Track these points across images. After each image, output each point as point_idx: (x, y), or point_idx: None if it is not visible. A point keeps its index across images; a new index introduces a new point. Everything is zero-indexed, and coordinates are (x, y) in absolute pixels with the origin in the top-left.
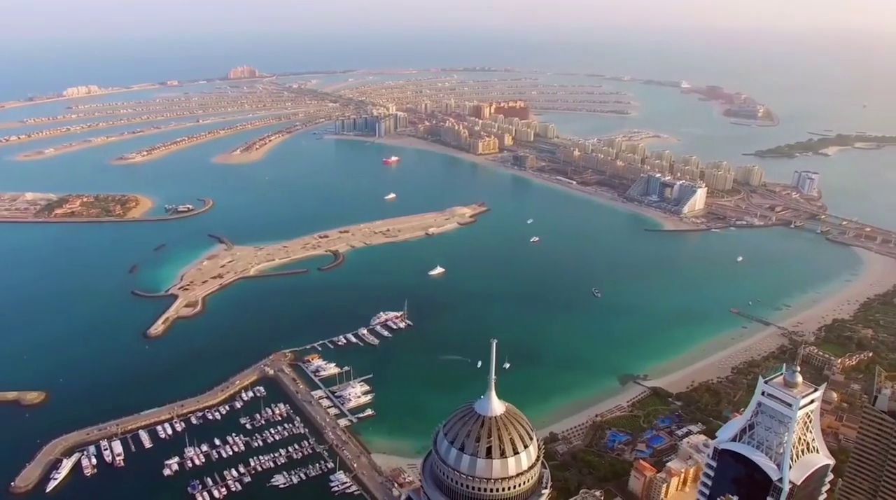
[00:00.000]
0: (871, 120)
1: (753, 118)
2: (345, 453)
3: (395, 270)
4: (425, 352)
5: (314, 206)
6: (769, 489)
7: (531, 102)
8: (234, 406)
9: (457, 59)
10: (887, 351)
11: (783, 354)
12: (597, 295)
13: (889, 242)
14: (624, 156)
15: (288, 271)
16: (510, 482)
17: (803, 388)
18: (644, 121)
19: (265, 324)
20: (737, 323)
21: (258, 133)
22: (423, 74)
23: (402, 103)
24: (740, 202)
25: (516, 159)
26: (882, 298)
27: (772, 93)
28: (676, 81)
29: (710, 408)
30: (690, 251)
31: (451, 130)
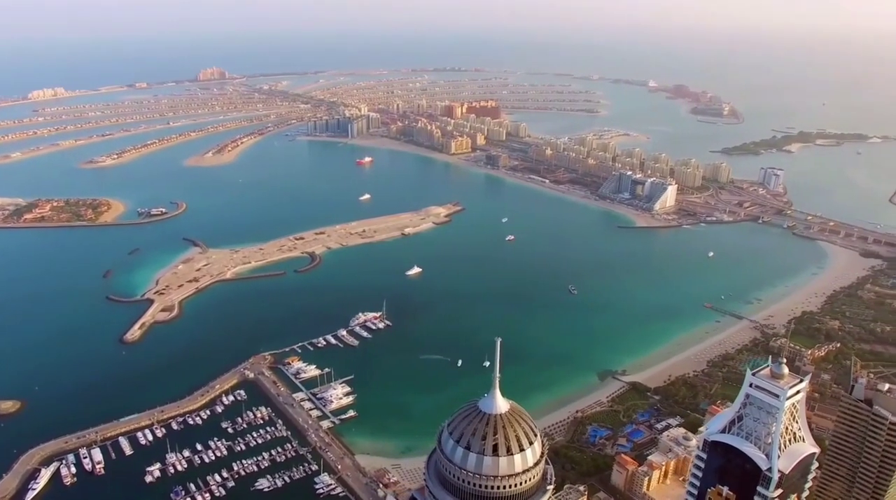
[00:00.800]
0: (830, 118)
1: (719, 116)
2: (328, 455)
3: (372, 270)
4: (405, 352)
5: (289, 207)
6: (759, 479)
7: (502, 102)
8: (215, 411)
9: (427, 59)
10: (854, 341)
11: (756, 346)
12: (573, 292)
13: (851, 236)
14: (595, 154)
15: (264, 273)
16: (517, 479)
17: (789, 379)
18: (613, 119)
19: (243, 327)
20: (710, 317)
21: (230, 135)
22: (394, 75)
23: (374, 104)
24: (709, 199)
25: (489, 159)
26: (847, 290)
27: (736, 91)
28: (644, 80)
29: (688, 401)
30: (663, 247)
31: (423, 130)
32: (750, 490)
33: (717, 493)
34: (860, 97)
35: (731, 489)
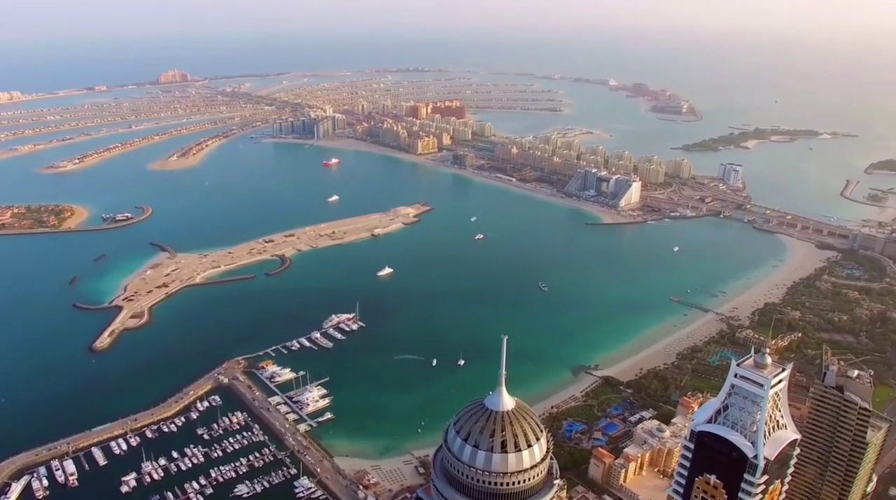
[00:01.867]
0: (782, 115)
1: (678, 114)
2: (307, 458)
3: (343, 272)
4: (380, 353)
5: (257, 210)
6: (745, 466)
7: (466, 102)
8: (190, 417)
9: (390, 59)
10: (814, 331)
11: (723, 338)
12: (543, 289)
13: (808, 228)
14: (560, 152)
15: (235, 277)
16: (525, 475)
17: (772, 368)
18: (576, 118)
19: (216, 332)
20: (677, 311)
21: (194, 138)
22: (358, 76)
23: (339, 105)
24: (672, 195)
25: (456, 158)
26: (805, 281)
27: (693, 90)
28: (604, 79)
29: (659, 394)
30: (629, 243)
31: (389, 130)
32: (737, 478)
33: (704, 482)
34: (809, 95)
35: (718, 478)
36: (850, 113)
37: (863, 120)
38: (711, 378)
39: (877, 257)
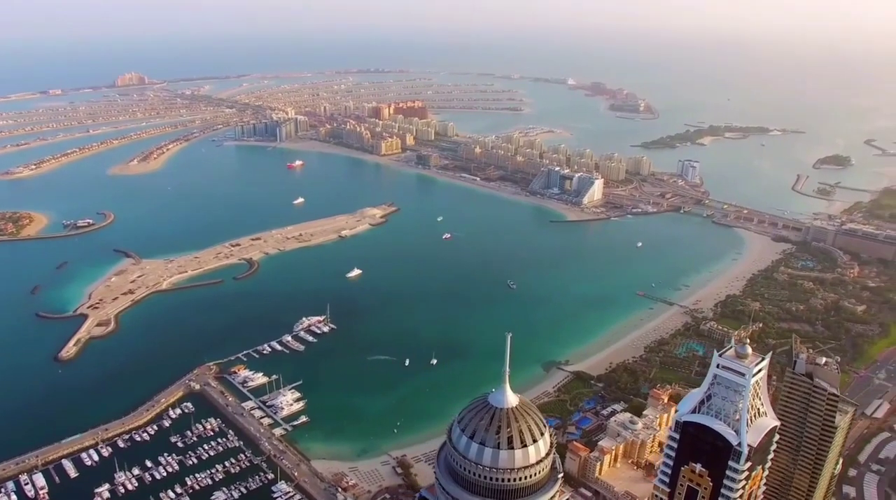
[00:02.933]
0: (734, 112)
1: (636, 112)
2: (284, 462)
3: (312, 274)
4: (352, 354)
5: (222, 214)
6: (730, 454)
7: (428, 102)
8: (163, 425)
9: (351, 60)
10: (774, 321)
11: (688, 330)
12: (512, 287)
13: (763, 222)
14: (523, 151)
15: (202, 282)
16: (532, 470)
17: (753, 358)
18: (537, 117)
19: (185, 338)
20: (643, 305)
21: (154, 142)
22: (319, 77)
23: (301, 107)
24: (634, 191)
25: (420, 158)
26: (764, 273)
27: (650, 89)
28: (563, 79)
29: (630, 387)
30: (594, 240)
31: (353, 131)
32: (722, 465)
33: (690, 470)
34: (759, 94)
35: (703, 466)
36: (798, 111)
37: (809, 117)
38: (679, 370)
39: (828, 248)
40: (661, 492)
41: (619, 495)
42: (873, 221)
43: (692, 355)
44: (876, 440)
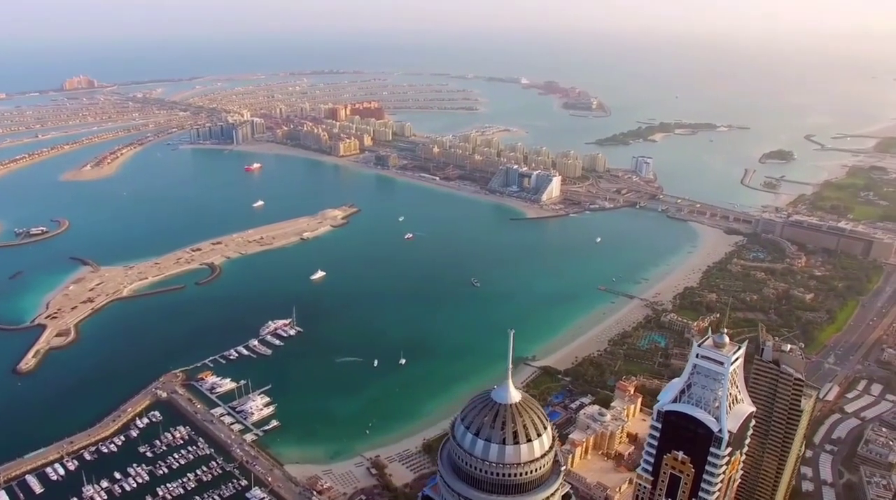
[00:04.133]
0: (683, 109)
1: (589, 110)
2: (257, 468)
3: (275, 277)
4: (320, 357)
5: (181, 219)
6: (711, 441)
7: (384, 103)
8: (130, 435)
9: (304, 62)
10: (730, 311)
11: (650, 323)
12: (476, 285)
13: (716, 215)
14: (480, 150)
15: (164, 288)
16: (537, 464)
17: (730, 347)
18: (492, 116)
19: (149, 345)
20: (605, 299)
21: (107, 146)
22: (273, 78)
23: (256, 109)
24: (591, 188)
25: (379, 159)
26: (718, 265)
27: (602, 87)
28: (516, 78)
29: (596, 380)
30: (554, 236)
31: (310, 133)
32: (703, 452)
33: (672, 458)
34: (704, 91)
35: (686, 453)
36: (742, 108)
37: (753, 114)
38: (643, 362)
39: (777, 239)
40: (645, 481)
41: (592, 486)
42: (816, 213)
43: (654, 346)
44: (828, 421)
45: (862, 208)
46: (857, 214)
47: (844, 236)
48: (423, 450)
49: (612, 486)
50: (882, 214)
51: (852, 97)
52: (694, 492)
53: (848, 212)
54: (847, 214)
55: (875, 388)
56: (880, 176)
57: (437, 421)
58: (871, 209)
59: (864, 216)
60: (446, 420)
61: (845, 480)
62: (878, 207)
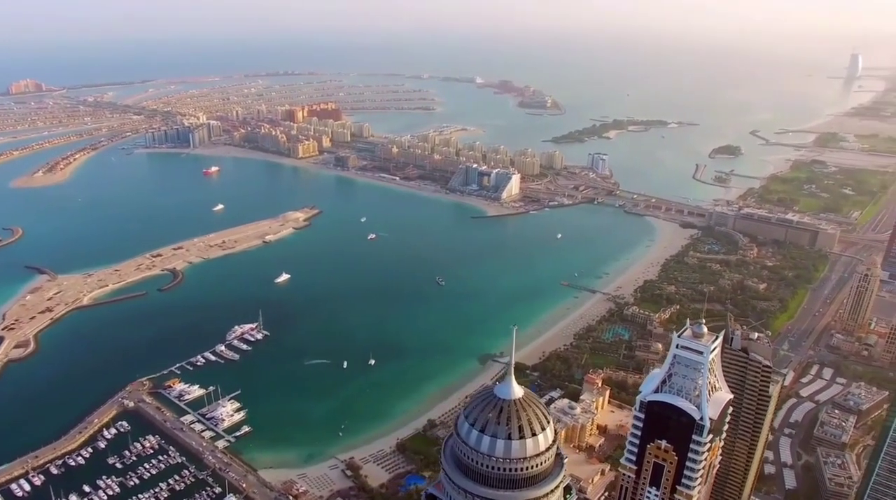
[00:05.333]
0: (634, 107)
1: (544, 108)
2: (230, 475)
3: (240, 281)
4: (289, 360)
5: (140, 224)
6: (693, 428)
7: (341, 104)
8: (98, 447)
9: (259, 63)
10: (689, 302)
11: (613, 316)
12: (441, 284)
13: (671, 210)
14: (439, 149)
15: (125, 295)
16: (542, 458)
17: (709, 337)
18: (449, 116)
19: (113, 354)
20: (568, 294)
21: (59, 152)
22: (227, 81)
23: (212, 111)
24: (549, 185)
25: (338, 160)
26: (675, 258)
27: (555, 86)
28: (471, 77)
29: (564, 374)
30: (516, 233)
31: (268, 135)
32: (686, 440)
33: (656, 447)
34: (654, 88)
35: (669, 442)
36: (691, 104)
37: (701, 110)
38: (608, 354)
39: (730, 232)
40: (629, 470)
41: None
42: (765, 206)
43: (619, 339)
44: (786, 405)
45: (806, 200)
46: (803, 205)
47: (792, 228)
48: (397, 450)
49: (586, 478)
50: (824, 205)
51: (792, 94)
52: (677, 479)
53: (794, 204)
54: (793, 206)
55: (826, 372)
56: (821, 169)
57: (409, 421)
58: (814, 201)
59: (809, 208)
60: (419, 420)
61: (803, 461)
62: (821, 199)
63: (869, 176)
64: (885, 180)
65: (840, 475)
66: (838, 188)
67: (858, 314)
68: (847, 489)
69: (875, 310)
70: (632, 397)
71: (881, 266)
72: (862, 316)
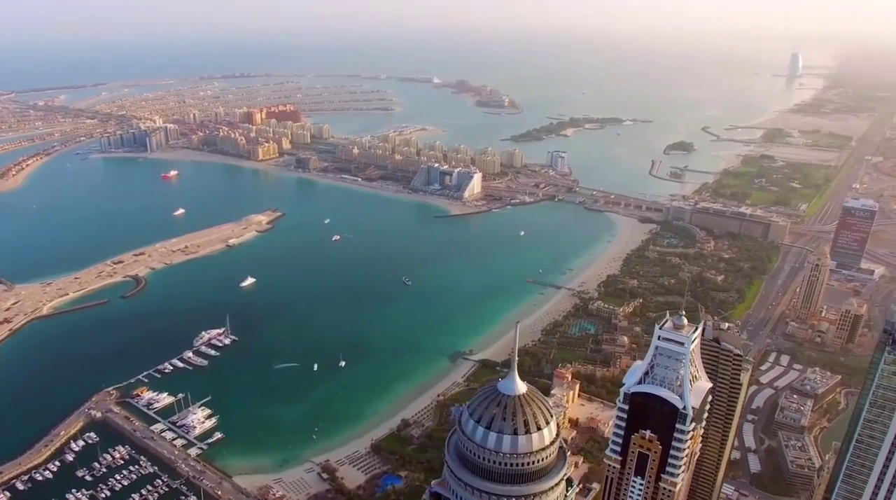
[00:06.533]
0: (590, 105)
1: (501, 107)
2: (205, 482)
3: (205, 286)
4: (258, 364)
5: (99, 231)
6: (676, 417)
7: (299, 105)
8: (66, 460)
9: (214, 66)
10: (651, 295)
11: (578, 311)
12: (407, 283)
13: (629, 205)
14: (400, 149)
15: (87, 303)
16: (547, 452)
17: (689, 328)
18: (408, 116)
19: (77, 364)
20: (534, 291)
21: (10, 157)
22: (183, 83)
23: (168, 115)
24: (510, 183)
25: (299, 162)
26: (636, 252)
27: (512, 85)
28: (428, 78)
29: (534, 369)
30: (479, 232)
31: (227, 138)
32: (670, 429)
33: (640, 437)
34: (608, 87)
35: (653, 431)
36: (644, 102)
37: (655, 108)
38: (576, 349)
39: (687, 226)
40: (614, 461)
41: None
42: (719, 200)
43: (585, 334)
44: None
45: (757, 194)
46: (754, 199)
47: (745, 221)
48: (372, 451)
49: None
50: (774, 199)
51: (739, 92)
52: (662, 468)
53: (746, 198)
54: (745, 199)
55: (783, 359)
56: (769, 164)
57: (382, 421)
58: (765, 195)
59: (760, 201)
60: (392, 420)
61: (766, 445)
62: (771, 193)
63: (814, 170)
64: (828, 174)
65: (801, 458)
66: (786, 182)
67: (811, 303)
68: (808, 471)
69: (825, 298)
70: (601, 390)
71: (829, 256)
72: (814, 304)
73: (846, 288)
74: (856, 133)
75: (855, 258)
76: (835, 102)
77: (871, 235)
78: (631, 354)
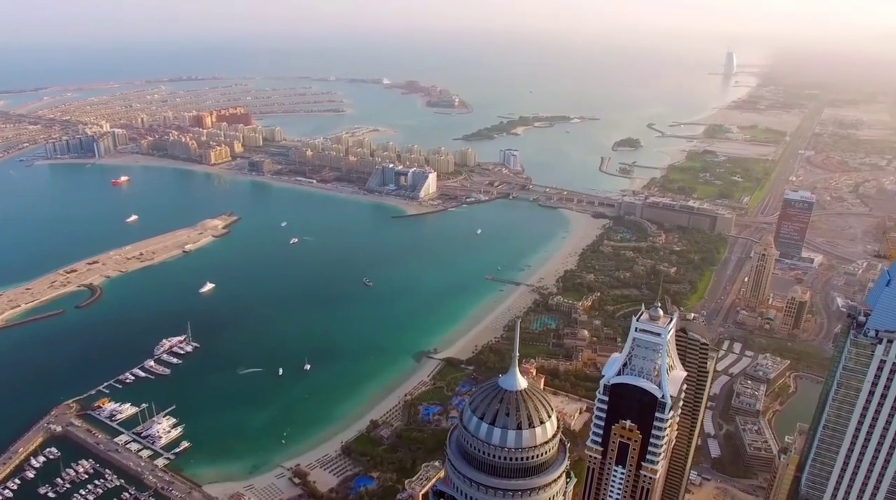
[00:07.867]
0: (538, 103)
1: (452, 107)
2: (174, 493)
3: (163, 293)
4: (222, 371)
5: (49, 240)
6: (655, 406)
7: (249, 108)
8: (26, 477)
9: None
10: (608, 289)
11: (538, 307)
12: (368, 284)
13: (582, 201)
14: (354, 151)
15: (41, 314)
16: (549, 446)
17: (664, 319)
18: (360, 117)
19: (33, 378)
20: (494, 288)
21: None
22: (129, 87)
23: (115, 119)
24: (464, 182)
25: (252, 165)
26: (591, 247)
27: (461, 85)
28: (378, 79)
29: (498, 365)
30: (436, 231)
31: (178, 142)
32: (649, 418)
33: (620, 427)
34: (555, 86)
35: (633, 421)
36: (590, 100)
37: (601, 106)
38: (538, 343)
39: (639, 220)
40: (595, 452)
41: None
42: (667, 194)
43: (546, 328)
44: None
45: (703, 188)
46: (700, 193)
47: (693, 214)
48: (343, 453)
49: None
50: (719, 192)
51: (680, 90)
52: (642, 456)
53: (692, 192)
54: (692, 193)
55: (736, 346)
56: (712, 159)
57: (351, 423)
58: (710, 188)
59: (706, 195)
60: (361, 421)
61: (725, 431)
62: (716, 187)
63: (753, 164)
64: (766, 168)
65: (758, 441)
66: (729, 176)
67: (759, 291)
68: (765, 453)
69: (772, 287)
70: (565, 384)
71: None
72: (762, 293)
73: (789, 276)
74: (789, 128)
75: (796, 248)
76: (768, 98)
77: (808, 225)
78: (592, 347)
